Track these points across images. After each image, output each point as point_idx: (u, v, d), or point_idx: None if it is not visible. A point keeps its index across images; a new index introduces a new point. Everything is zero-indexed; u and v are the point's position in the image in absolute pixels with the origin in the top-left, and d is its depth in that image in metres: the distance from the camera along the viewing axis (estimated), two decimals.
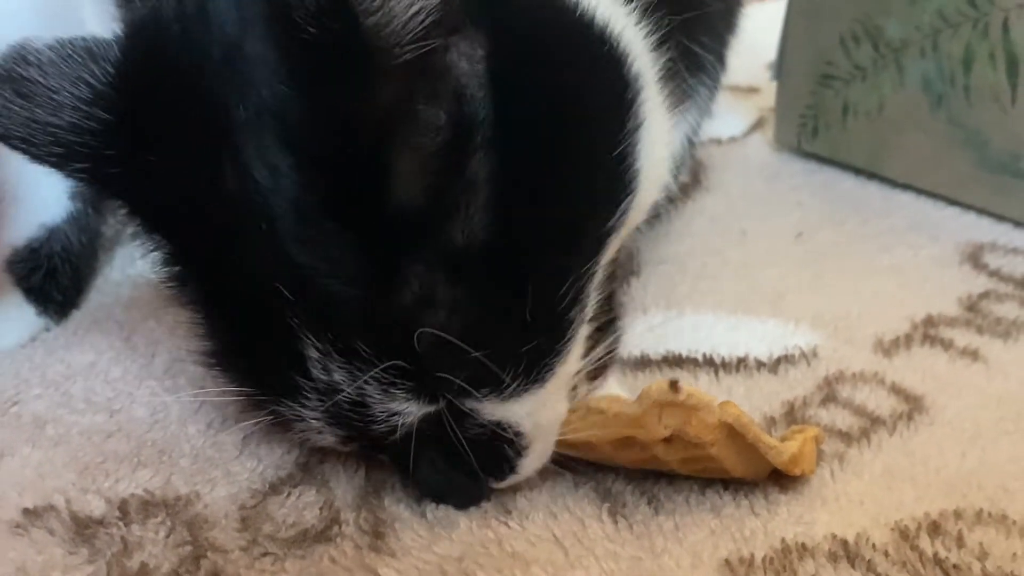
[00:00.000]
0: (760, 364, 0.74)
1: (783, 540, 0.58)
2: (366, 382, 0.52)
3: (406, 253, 0.50)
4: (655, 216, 0.87)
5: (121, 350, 0.72)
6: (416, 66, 0.48)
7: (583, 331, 0.57)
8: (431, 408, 0.53)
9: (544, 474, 0.62)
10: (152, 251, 0.59)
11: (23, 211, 0.76)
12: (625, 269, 0.85)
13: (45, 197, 0.76)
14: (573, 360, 0.57)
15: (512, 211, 0.51)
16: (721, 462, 0.58)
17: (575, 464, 0.62)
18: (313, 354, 0.51)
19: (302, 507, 0.59)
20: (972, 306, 0.82)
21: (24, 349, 0.73)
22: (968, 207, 0.97)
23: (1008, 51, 0.90)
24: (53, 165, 0.54)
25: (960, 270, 0.87)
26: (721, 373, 0.73)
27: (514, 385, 0.54)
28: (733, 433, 0.57)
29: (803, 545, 0.57)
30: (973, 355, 0.75)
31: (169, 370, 0.70)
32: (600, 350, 0.61)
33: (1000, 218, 0.95)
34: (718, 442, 0.57)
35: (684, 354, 0.74)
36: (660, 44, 0.61)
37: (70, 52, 0.53)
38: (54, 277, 0.75)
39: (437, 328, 0.51)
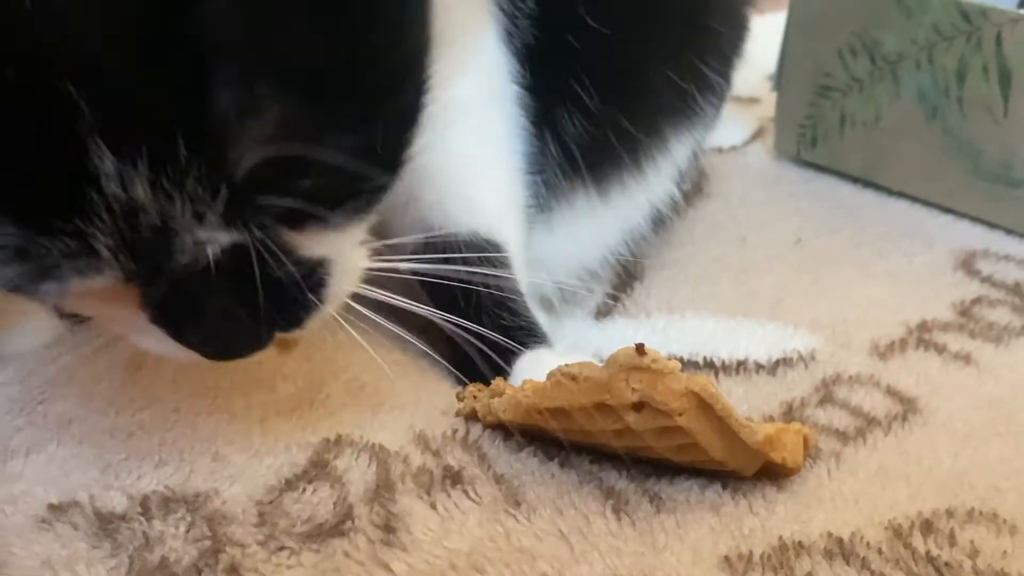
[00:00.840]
0: (759, 366, 0.74)
1: (780, 538, 0.58)
2: (173, 203, 0.43)
3: (224, 53, 0.42)
4: (661, 228, 0.87)
5: (142, 352, 0.70)
6: None
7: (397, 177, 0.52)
8: (243, 239, 0.46)
9: (550, 471, 0.62)
10: None
11: None
12: (629, 274, 0.85)
13: None
14: (383, 194, 0.52)
15: (331, 26, 0.45)
16: (694, 436, 0.57)
17: (579, 463, 0.62)
18: (109, 168, 0.41)
19: (316, 503, 0.59)
20: (965, 311, 0.82)
21: (50, 350, 0.73)
22: (961, 215, 0.97)
23: (1001, 64, 0.91)
24: None
25: (953, 276, 0.88)
26: (721, 375, 0.73)
27: (341, 215, 0.49)
28: (704, 405, 0.56)
29: (800, 543, 0.57)
30: (966, 359, 0.76)
31: (188, 372, 0.69)
32: None
33: (992, 226, 0.95)
34: (687, 412, 0.56)
35: (686, 356, 0.74)
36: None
37: None
38: None
39: (267, 141, 0.43)
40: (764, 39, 1.02)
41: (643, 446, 0.59)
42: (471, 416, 0.66)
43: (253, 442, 0.64)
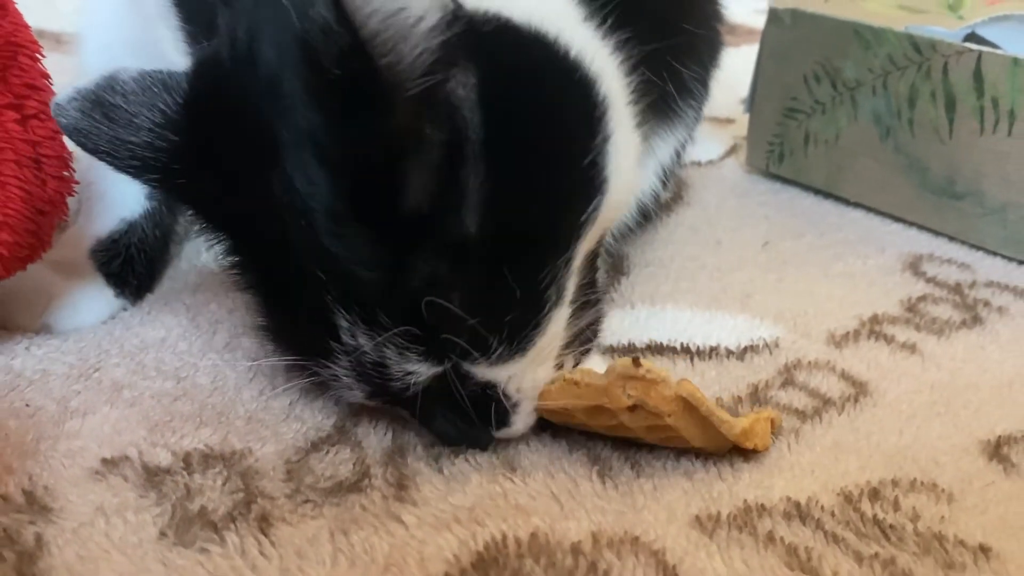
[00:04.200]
0: (730, 352, 0.74)
1: (745, 501, 0.58)
2: (384, 346, 0.54)
3: (416, 244, 0.52)
4: (646, 221, 0.86)
5: (187, 327, 0.72)
6: (423, 96, 0.50)
7: (562, 310, 0.58)
8: (438, 368, 0.55)
9: (543, 441, 0.62)
10: (215, 245, 0.60)
11: (107, 207, 0.76)
12: (617, 270, 0.85)
13: (125, 196, 0.75)
14: (552, 334, 0.58)
15: (500, 210, 0.53)
16: (679, 431, 0.58)
17: (569, 433, 0.62)
18: (343, 323, 0.54)
19: (338, 463, 0.59)
20: (911, 307, 0.82)
21: (105, 325, 0.72)
22: (910, 224, 0.96)
23: (947, 91, 0.90)
24: (131, 174, 0.57)
25: (902, 277, 0.87)
26: (696, 360, 0.73)
27: (499, 351, 0.56)
28: (689, 407, 0.57)
29: (762, 506, 0.57)
30: (911, 348, 0.75)
31: (228, 344, 0.70)
32: (583, 326, 0.62)
33: (937, 233, 0.95)
34: (675, 413, 0.57)
35: (665, 343, 0.74)
36: (633, 69, 0.62)
37: (149, 83, 0.57)
38: (131, 264, 0.75)
39: (440, 297, 0.53)
40: (739, 67, 1.03)
41: (633, 436, 0.60)
42: None
43: (284, 409, 0.64)
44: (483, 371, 0.56)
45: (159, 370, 0.67)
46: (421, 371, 0.55)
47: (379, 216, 0.52)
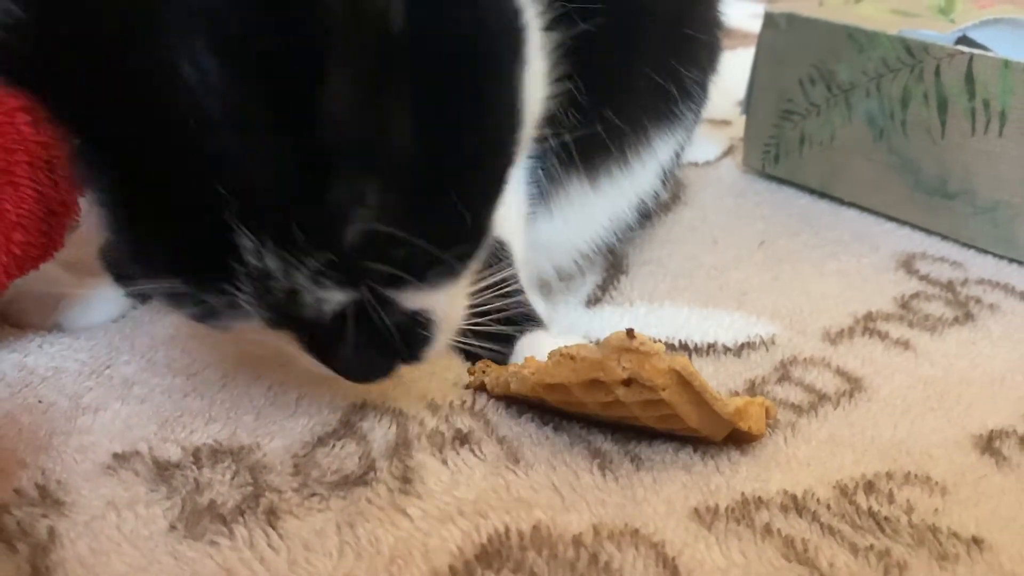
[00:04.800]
0: (727, 349, 0.74)
1: (743, 494, 0.58)
2: (296, 270, 0.47)
3: (339, 157, 0.45)
4: (645, 220, 0.86)
5: (196, 326, 0.70)
6: None
7: (488, 240, 0.55)
8: (355, 295, 0.50)
9: (545, 434, 0.62)
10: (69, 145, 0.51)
11: None
12: (616, 268, 0.85)
13: None
14: (481, 258, 0.55)
15: (430, 131, 0.48)
16: (675, 407, 0.57)
17: (570, 427, 0.62)
18: (246, 244, 0.46)
19: (344, 457, 0.59)
20: (905, 304, 0.82)
21: (115, 323, 0.72)
22: (903, 223, 0.97)
23: (939, 93, 0.91)
24: None
25: (895, 275, 0.87)
26: (694, 356, 0.73)
27: (431, 279, 0.51)
28: (683, 382, 0.56)
29: (759, 498, 0.57)
30: (905, 345, 0.75)
31: (236, 343, 0.69)
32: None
33: (930, 232, 0.95)
34: (669, 387, 0.56)
35: (664, 340, 0.74)
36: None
37: None
38: None
39: (367, 222, 0.47)
40: (735, 70, 1.03)
41: (629, 416, 0.59)
42: (480, 388, 0.66)
43: (291, 405, 0.64)
44: (411, 299, 0.52)
45: (169, 367, 0.67)
46: (336, 299, 0.49)
47: (294, 120, 0.44)
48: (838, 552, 0.53)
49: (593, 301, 0.81)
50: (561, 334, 0.70)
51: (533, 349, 0.66)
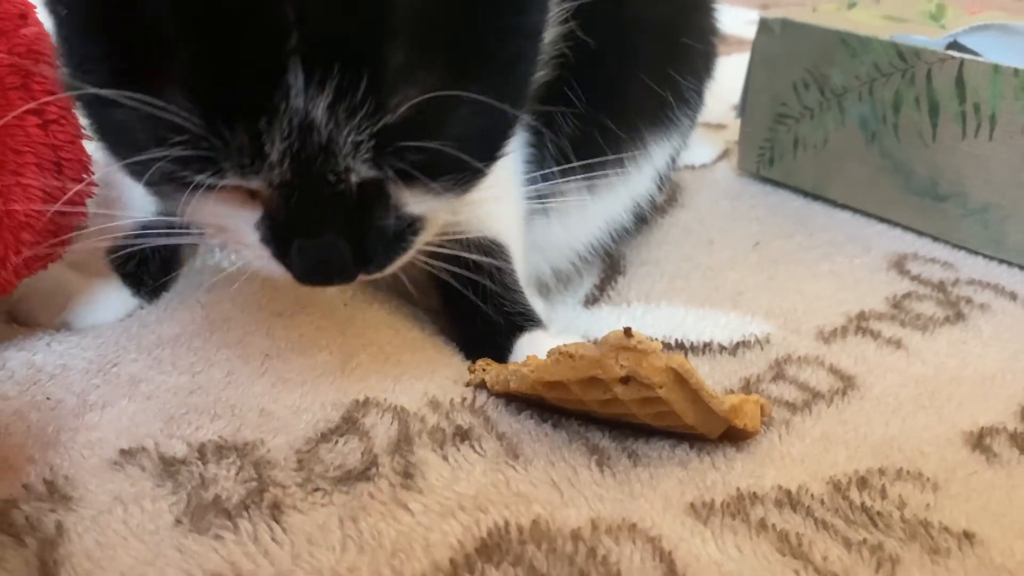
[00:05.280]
0: (722, 348, 0.74)
1: (738, 489, 0.58)
2: (341, 129, 0.45)
3: (414, 22, 0.45)
4: (642, 223, 0.87)
5: (201, 325, 0.72)
6: None
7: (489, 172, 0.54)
8: (378, 175, 0.48)
9: (544, 431, 0.62)
10: None
11: (122, 209, 0.74)
12: (614, 269, 0.85)
13: (141, 202, 0.74)
14: (475, 187, 0.54)
15: (489, 29, 0.48)
16: (671, 405, 0.57)
17: (568, 423, 0.62)
18: (300, 85, 0.43)
19: (347, 452, 0.59)
20: (897, 304, 0.82)
21: (122, 322, 0.72)
22: (895, 224, 0.97)
23: (930, 97, 0.91)
24: None
25: (887, 275, 0.88)
26: (690, 355, 0.73)
27: (442, 184, 0.50)
28: (679, 379, 0.56)
29: (754, 494, 0.57)
30: (897, 344, 0.75)
31: (240, 341, 0.70)
32: None
33: (921, 234, 0.95)
34: (666, 384, 0.56)
35: (660, 339, 0.74)
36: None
37: None
38: (146, 265, 0.74)
39: (410, 103, 0.45)
40: (730, 75, 1.03)
41: (627, 413, 0.59)
42: (480, 385, 0.66)
43: (295, 401, 0.64)
44: (419, 203, 0.51)
45: (175, 365, 0.67)
46: (363, 173, 0.47)
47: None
48: (832, 546, 0.53)
49: (591, 301, 0.81)
50: (560, 334, 0.70)
51: (533, 348, 0.66)
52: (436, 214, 0.54)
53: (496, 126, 0.52)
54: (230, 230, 0.52)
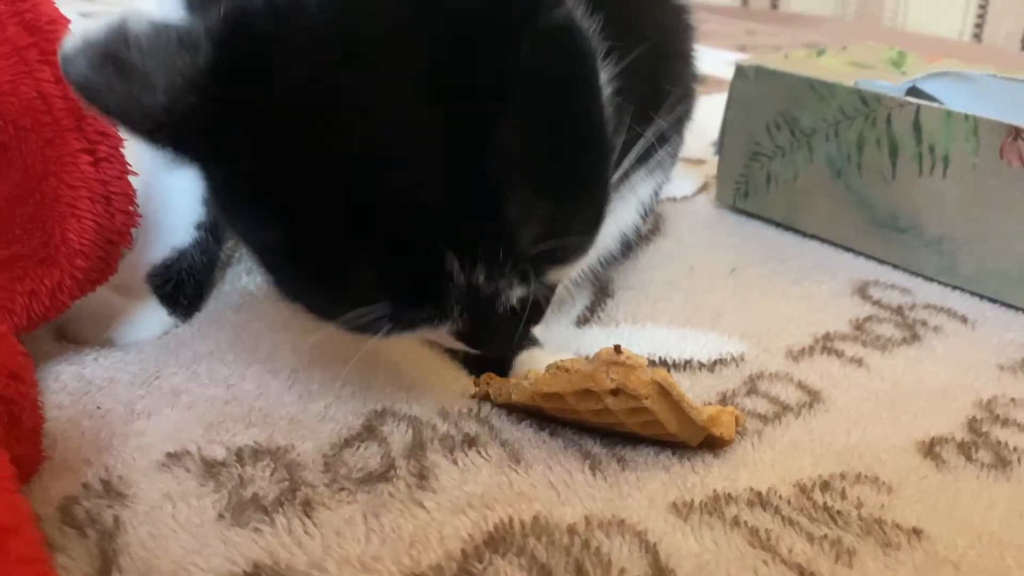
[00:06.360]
0: (701, 365, 0.75)
1: (714, 490, 0.60)
2: (498, 280, 0.52)
3: (513, 179, 0.50)
4: (628, 250, 0.87)
5: (233, 341, 0.74)
6: (542, 30, 0.49)
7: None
8: (530, 287, 0.54)
9: (542, 438, 0.64)
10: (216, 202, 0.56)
11: (160, 237, 0.77)
12: (603, 292, 0.86)
13: (176, 227, 0.76)
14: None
15: (569, 151, 0.53)
16: (656, 415, 0.59)
17: (563, 432, 0.64)
18: (454, 266, 0.50)
19: (368, 456, 0.61)
20: (859, 326, 0.83)
21: (161, 339, 0.74)
22: (859, 253, 0.97)
23: (890, 139, 0.92)
24: (143, 136, 0.49)
25: (851, 300, 0.88)
26: (673, 370, 0.74)
27: (572, 261, 0.57)
28: (663, 391, 0.59)
29: (729, 495, 0.59)
30: (858, 362, 0.77)
31: (269, 356, 0.71)
32: None
33: (882, 262, 0.96)
34: (651, 396, 0.58)
35: (646, 356, 0.71)
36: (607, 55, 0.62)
37: (164, 40, 0.47)
38: (182, 287, 0.76)
39: (540, 231, 0.52)
40: (709, 113, 1.04)
41: (617, 422, 0.61)
42: (484, 397, 0.67)
43: (320, 411, 0.65)
44: (552, 276, 0.56)
45: (211, 378, 0.68)
46: (519, 293, 0.54)
47: (474, 156, 0.49)
48: (796, 540, 0.56)
49: (582, 321, 0.82)
50: (555, 351, 0.71)
51: (531, 364, 0.68)
52: (568, 277, 0.62)
53: (592, 220, 0.57)
54: (430, 336, 0.58)
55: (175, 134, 0.49)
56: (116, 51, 0.46)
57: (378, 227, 0.49)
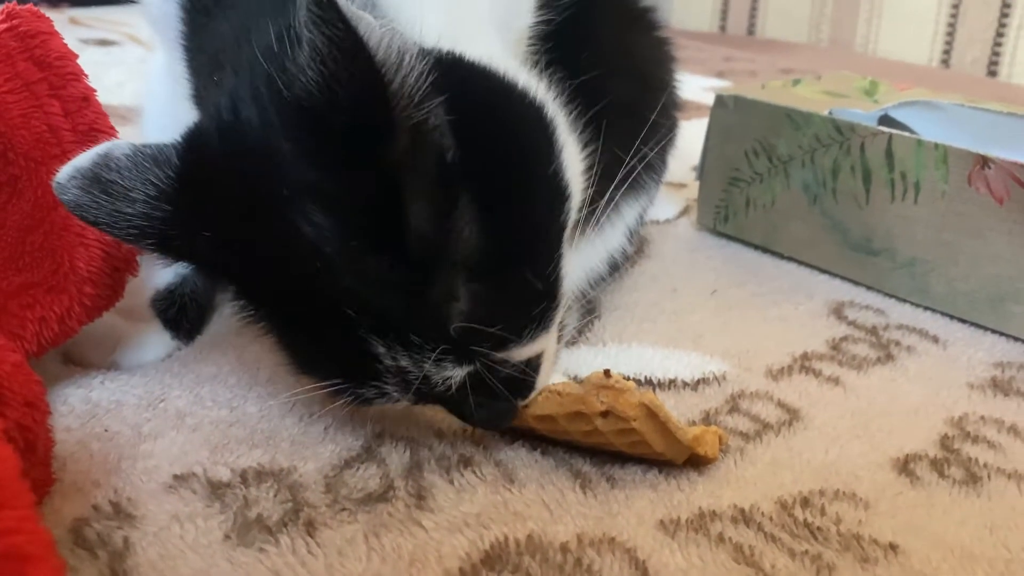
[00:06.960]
0: (685, 384, 0.76)
1: (700, 508, 0.60)
2: (423, 362, 0.54)
3: (429, 266, 0.52)
4: (615, 271, 0.89)
5: (235, 364, 0.74)
6: (416, 125, 0.50)
7: (565, 291, 0.60)
8: (472, 368, 0.56)
9: (535, 458, 0.64)
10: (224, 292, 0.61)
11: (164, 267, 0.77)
12: (590, 312, 0.87)
13: None
14: (561, 310, 0.60)
15: (495, 222, 0.53)
16: (643, 435, 0.60)
17: (555, 452, 0.65)
18: (381, 350, 0.54)
19: (367, 477, 0.61)
20: (835, 346, 0.84)
21: (165, 362, 0.74)
22: (835, 275, 0.98)
23: (864, 166, 0.94)
24: (130, 242, 0.56)
25: (827, 320, 0.89)
26: (658, 390, 0.75)
27: (527, 336, 0.57)
28: (650, 413, 0.60)
29: (713, 512, 0.60)
30: (835, 381, 0.78)
31: (270, 379, 0.72)
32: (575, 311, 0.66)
33: (857, 283, 0.97)
34: (639, 418, 0.60)
35: (631, 376, 0.76)
36: (567, 100, 0.64)
37: (140, 159, 0.54)
38: (184, 311, 0.77)
39: (462, 316, 0.53)
40: (690, 138, 1.06)
41: (606, 443, 0.62)
42: None
43: (320, 434, 0.66)
44: (517, 354, 0.57)
45: (214, 400, 0.69)
46: (458, 374, 0.55)
47: (390, 248, 0.51)
48: (778, 556, 0.56)
49: (572, 342, 0.83)
50: None
51: None
52: (543, 350, 0.60)
53: (538, 295, 0.57)
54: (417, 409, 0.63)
55: (156, 239, 0.55)
56: (100, 174, 0.54)
57: (317, 316, 0.54)
